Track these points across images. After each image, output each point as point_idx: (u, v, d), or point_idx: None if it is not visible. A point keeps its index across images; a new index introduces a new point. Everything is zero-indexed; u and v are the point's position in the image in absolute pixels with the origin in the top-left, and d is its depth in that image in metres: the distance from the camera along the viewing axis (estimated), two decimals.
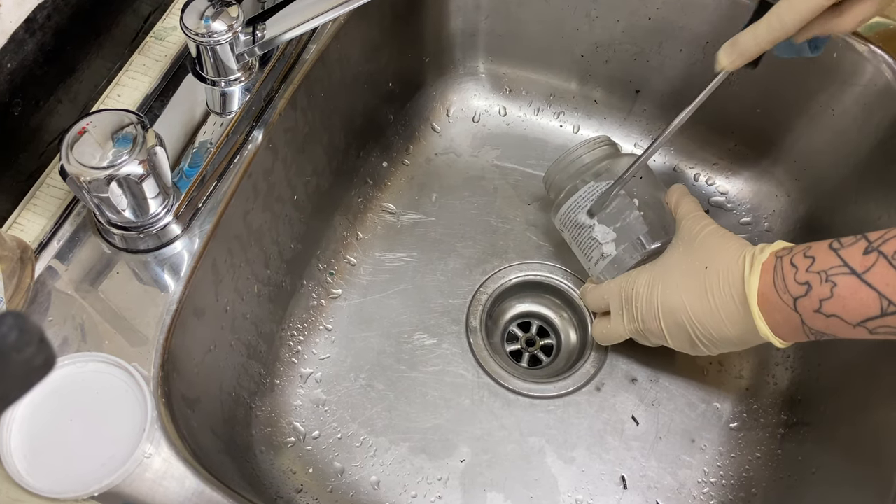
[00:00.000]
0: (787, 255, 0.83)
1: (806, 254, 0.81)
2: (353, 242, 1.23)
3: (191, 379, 0.90)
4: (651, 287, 0.98)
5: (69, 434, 0.78)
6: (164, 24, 1.04)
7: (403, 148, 1.32)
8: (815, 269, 0.79)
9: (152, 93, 0.97)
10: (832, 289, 0.77)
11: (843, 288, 0.77)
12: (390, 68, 1.25)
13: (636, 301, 1.00)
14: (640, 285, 1.00)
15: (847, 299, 0.76)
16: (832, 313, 0.78)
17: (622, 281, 1.03)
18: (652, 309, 0.98)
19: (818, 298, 0.78)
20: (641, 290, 0.99)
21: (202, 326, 0.93)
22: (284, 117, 1.02)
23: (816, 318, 0.80)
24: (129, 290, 0.87)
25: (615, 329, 1.05)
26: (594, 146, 1.12)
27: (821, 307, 0.79)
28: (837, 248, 0.79)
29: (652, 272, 0.99)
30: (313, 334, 1.16)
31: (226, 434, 0.97)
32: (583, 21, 1.24)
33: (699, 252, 0.95)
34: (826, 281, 0.78)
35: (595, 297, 1.08)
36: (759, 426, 1.11)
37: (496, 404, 1.12)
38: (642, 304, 0.99)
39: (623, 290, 1.02)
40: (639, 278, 1.00)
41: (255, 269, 1.04)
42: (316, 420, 1.10)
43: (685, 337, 0.96)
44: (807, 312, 0.80)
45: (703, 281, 0.92)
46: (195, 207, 0.91)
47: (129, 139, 0.79)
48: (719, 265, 0.91)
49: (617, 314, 1.04)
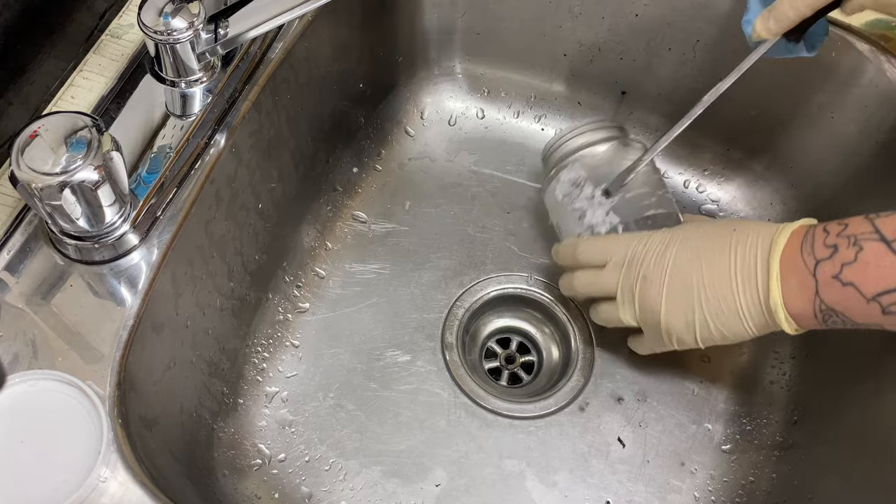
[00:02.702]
0: (821, 224, 0.85)
1: (840, 221, 0.83)
2: (321, 253, 1.24)
3: (149, 398, 0.90)
4: (667, 244, 0.97)
5: (20, 457, 0.77)
6: (121, 22, 1.04)
7: (375, 153, 1.33)
8: (846, 233, 0.81)
9: (108, 94, 0.97)
10: (857, 253, 0.79)
11: (869, 252, 0.78)
12: (361, 68, 1.26)
13: (645, 256, 0.98)
14: (653, 242, 0.98)
15: (870, 265, 0.78)
16: (850, 281, 0.79)
17: (632, 237, 1.01)
18: (661, 266, 0.96)
19: (840, 262, 0.80)
20: (653, 248, 0.97)
21: (161, 342, 0.93)
22: (248, 120, 1.02)
23: (832, 287, 0.81)
24: (83, 303, 0.86)
25: (606, 282, 1.02)
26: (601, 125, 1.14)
27: (840, 272, 0.80)
28: (873, 218, 0.80)
29: (669, 233, 0.98)
30: (279, 351, 1.16)
31: (186, 457, 0.97)
32: (566, 18, 1.25)
33: (731, 221, 0.96)
34: (853, 245, 0.80)
35: (593, 247, 1.05)
36: (753, 448, 1.11)
37: (473, 425, 1.12)
38: (650, 260, 0.97)
39: (632, 244, 1.00)
40: (653, 236, 0.99)
41: (217, 281, 1.04)
42: (282, 442, 1.10)
43: (684, 305, 0.95)
44: (824, 278, 0.81)
45: (728, 239, 0.92)
46: (154, 216, 0.91)
47: (84, 143, 0.78)
48: (749, 228, 0.91)
49: (615, 267, 1.01)
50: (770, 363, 1.17)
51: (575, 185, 1.09)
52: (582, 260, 1.06)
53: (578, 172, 1.10)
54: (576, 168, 1.10)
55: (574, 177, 1.10)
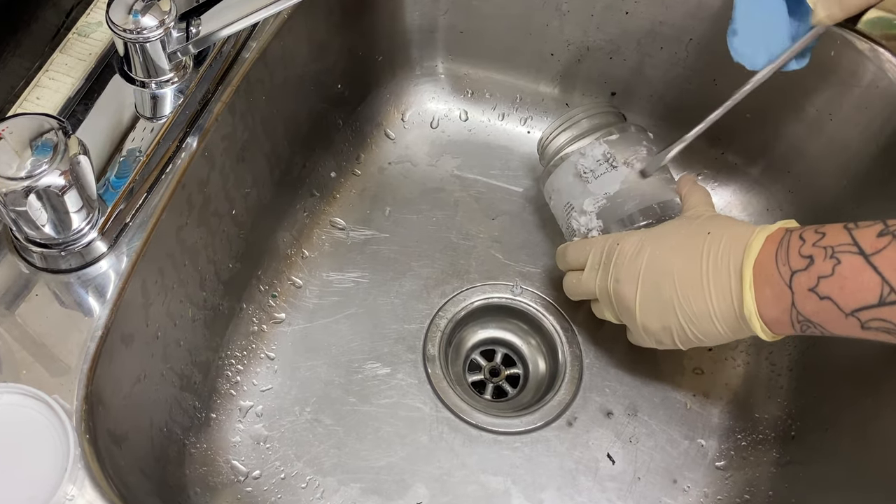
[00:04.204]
0: (797, 230, 0.85)
1: (817, 230, 0.83)
2: (297, 261, 1.24)
3: (118, 413, 0.89)
4: (640, 247, 0.98)
5: None
6: (89, 20, 1.04)
7: (354, 156, 1.33)
8: (823, 244, 0.81)
9: (75, 95, 0.96)
10: (834, 266, 0.79)
11: (846, 267, 0.78)
12: (339, 68, 1.26)
13: (618, 257, 1.00)
14: (628, 243, 1.00)
15: (847, 280, 0.78)
16: (827, 295, 0.80)
17: (610, 236, 1.04)
18: (634, 268, 0.98)
19: (817, 275, 0.80)
20: (628, 248, 0.99)
21: (130, 354, 0.92)
22: (221, 123, 1.02)
23: (809, 299, 0.81)
24: (49, 314, 0.86)
25: (585, 284, 1.06)
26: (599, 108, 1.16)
27: (817, 285, 0.80)
28: (852, 228, 0.80)
29: (646, 234, 1.00)
30: (254, 363, 1.16)
31: (157, 474, 0.97)
32: (553, 16, 1.25)
33: (706, 222, 0.97)
34: (830, 257, 0.80)
35: (578, 249, 1.08)
36: (749, 465, 1.11)
37: (457, 441, 1.12)
38: (624, 262, 0.99)
39: (607, 244, 1.02)
40: (629, 236, 1.01)
41: (189, 290, 1.04)
42: (257, 458, 1.10)
43: (658, 310, 0.96)
44: (800, 290, 0.82)
45: (701, 244, 0.93)
46: (123, 222, 0.91)
47: (50, 147, 0.78)
48: (724, 232, 0.92)
49: (592, 268, 1.04)
50: (766, 376, 1.17)
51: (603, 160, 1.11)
52: (571, 262, 1.09)
53: (603, 147, 1.11)
54: (600, 145, 1.11)
55: (602, 151, 1.11)
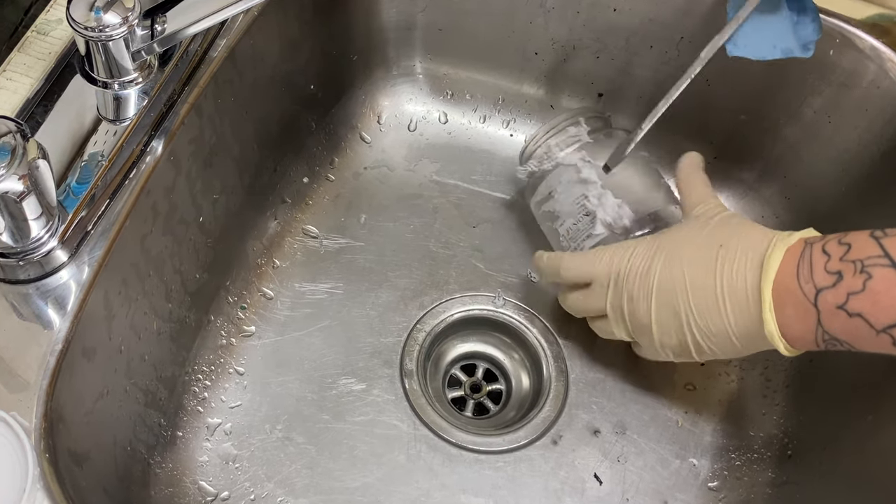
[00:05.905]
0: (818, 242, 0.84)
1: (841, 241, 0.82)
2: (268, 271, 1.24)
3: (79, 430, 0.89)
4: (651, 261, 0.97)
5: None
6: (48, 17, 1.04)
7: (327, 161, 1.34)
8: (851, 257, 0.80)
9: (34, 96, 0.96)
10: (865, 281, 0.78)
11: (879, 281, 0.78)
12: (312, 68, 1.26)
13: (629, 274, 0.99)
14: (636, 257, 0.99)
15: (880, 295, 0.77)
16: (857, 312, 0.79)
17: (616, 251, 1.03)
18: (646, 285, 0.97)
19: (846, 292, 0.79)
20: (638, 263, 0.98)
21: (92, 370, 0.92)
22: (188, 125, 1.02)
23: (837, 318, 0.80)
24: (6, 326, 0.86)
25: (593, 302, 1.05)
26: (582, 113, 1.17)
27: (846, 302, 0.79)
28: (880, 236, 0.80)
29: (654, 243, 0.99)
30: (222, 378, 1.16)
31: (120, 495, 0.97)
32: (537, 13, 1.26)
33: (718, 230, 0.96)
34: (861, 272, 0.79)
35: (575, 265, 1.07)
36: (743, 486, 1.12)
37: (435, 460, 1.12)
38: (635, 279, 0.98)
39: (614, 261, 1.01)
40: (637, 249, 1.00)
41: (154, 302, 1.04)
42: (225, 478, 1.10)
43: (674, 327, 0.96)
44: (828, 309, 0.81)
45: (714, 258, 0.92)
46: (84, 230, 0.90)
47: (7, 151, 0.78)
48: (738, 243, 0.91)
49: (601, 285, 1.03)
50: (762, 393, 1.18)
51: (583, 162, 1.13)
52: (567, 278, 1.08)
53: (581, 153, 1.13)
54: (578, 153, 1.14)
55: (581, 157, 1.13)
